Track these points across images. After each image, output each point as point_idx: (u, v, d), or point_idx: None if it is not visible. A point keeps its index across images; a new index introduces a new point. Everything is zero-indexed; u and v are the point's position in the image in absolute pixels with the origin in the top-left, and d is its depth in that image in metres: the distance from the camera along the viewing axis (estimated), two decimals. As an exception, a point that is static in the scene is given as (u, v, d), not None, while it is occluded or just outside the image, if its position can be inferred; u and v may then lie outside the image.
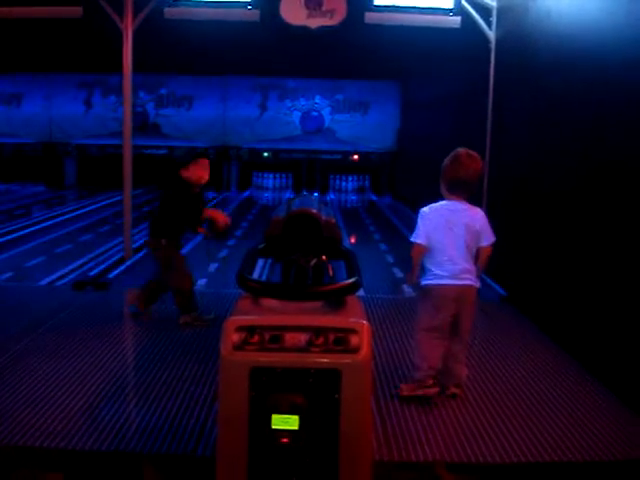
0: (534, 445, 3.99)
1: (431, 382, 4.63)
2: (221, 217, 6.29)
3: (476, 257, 4.62)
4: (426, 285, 4.62)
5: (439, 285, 4.55)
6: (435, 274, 4.56)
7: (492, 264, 4.81)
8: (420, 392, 4.60)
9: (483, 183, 8.32)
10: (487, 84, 8.69)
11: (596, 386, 4.94)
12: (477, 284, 4.64)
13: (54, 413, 4.25)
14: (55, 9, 8.80)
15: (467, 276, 4.55)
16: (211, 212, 6.39)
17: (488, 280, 7.96)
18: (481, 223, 4.60)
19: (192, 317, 6.21)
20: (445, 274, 4.52)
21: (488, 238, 4.63)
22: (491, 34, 8.60)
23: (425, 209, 4.60)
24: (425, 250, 4.56)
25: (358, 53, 16.72)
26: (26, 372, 4.95)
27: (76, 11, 8.63)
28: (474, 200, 4.67)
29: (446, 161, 4.59)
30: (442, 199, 4.65)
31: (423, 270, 4.66)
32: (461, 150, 4.58)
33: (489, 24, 8.61)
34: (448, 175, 4.55)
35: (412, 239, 4.60)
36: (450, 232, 4.51)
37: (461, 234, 4.52)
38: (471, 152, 4.58)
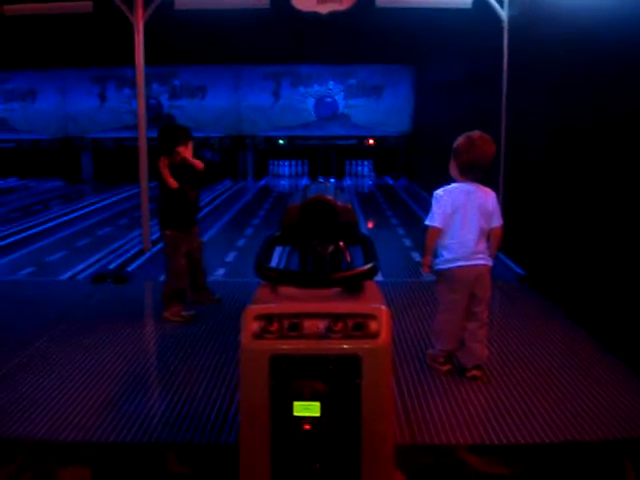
0: (556, 425, 3.99)
1: (442, 360, 4.82)
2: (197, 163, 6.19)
3: (487, 238, 4.64)
4: (440, 269, 4.69)
5: (453, 268, 4.60)
6: (447, 258, 4.61)
7: (511, 244, 4.80)
8: (433, 364, 4.87)
9: (500, 163, 8.29)
10: (501, 64, 8.63)
11: (616, 365, 4.92)
12: (490, 263, 4.67)
13: (78, 406, 4.30)
14: (66, 5, 8.84)
15: (480, 256, 4.60)
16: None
17: (507, 260, 7.94)
18: (493, 204, 4.62)
19: (172, 313, 6.15)
20: (458, 256, 4.57)
21: (498, 219, 4.66)
22: (503, 14, 8.52)
23: (439, 191, 4.61)
24: (440, 234, 4.58)
25: (370, 37, 16.63)
26: (49, 366, 5.00)
27: (86, 6, 8.67)
28: (492, 180, 4.66)
29: (459, 144, 4.58)
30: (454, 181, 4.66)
31: (435, 254, 4.71)
32: (475, 133, 4.58)
33: (501, 4, 8.53)
34: (462, 158, 4.55)
35: (427, 222, 4.62)
36: (465, 214, 4.54)
37: (475, 216, 4.54)
38: (484, 134, 4.57)
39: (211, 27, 13.55)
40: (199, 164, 6.15)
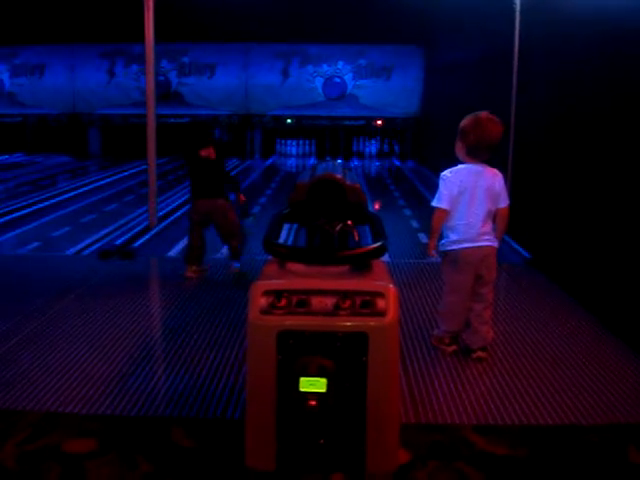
0: (561, 408, 3.99)
1: (447, 341, 4.84)
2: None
3: (493, 220, 4.64)
4: (446, 250, 4.67)
5: (459, 249, 4.59)
6: (454, 239, 4.60)
7: (517, 227, 4.79)
8: (439, 345, 4.89)
9: (509, 145, 8.26)
10: (512, 46, 8.57)
11: (621, 348, 4.92)
12: (496, 244, 4.66)
13: (84, 379, 4.32)
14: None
15: (486, 237, 4.58)
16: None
17: (512, 243, 7.94)
18: (500, 184, 4.61)
19: (190, 270, 6.77)
20: (464, 238, 4.55)
21: (505, 200, 4.65)
22: (516, -5, 8.47)
23: (447, 173, 4.57)
24: (447, 215, 4.57)
25: (380, 17, 16.56)
26: (55, 339, 5.02)
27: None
28: (501, 162, 4.64)
29: (465, 124, 4.53)
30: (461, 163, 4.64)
31: (441, 235, 4.69)
32: (482, 113, 4.53)
33: (513, -17, 8.48)
34: (469, 139, 4.50)
35: (434, 204, 4.59)
36: (472, 195, 4.51)
37: (483, 197, 4.53)
38: (491, 115, 4.53)
39: (221, 4, 13.50)
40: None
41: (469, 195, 4.51)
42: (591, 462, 3.46)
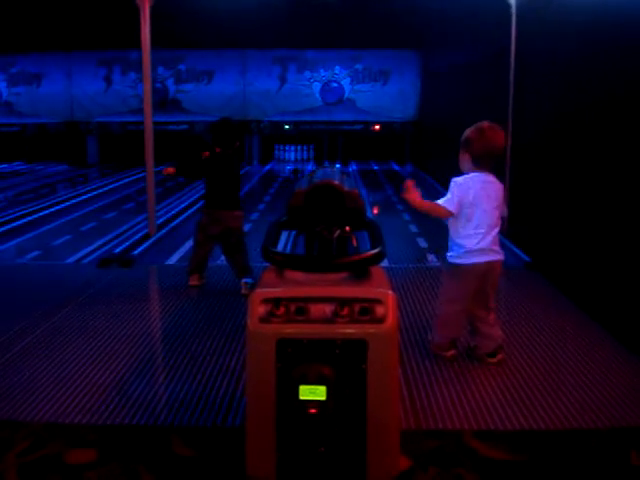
0: (561, 412, 3.99)
1: (446, 346, 4.83)
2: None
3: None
4: (455, 263, 4.60)
5: (470, 264, 4.53)
6: (466, 251, 4.52)
7: (517, 231, 4.79)
8: (438, 352, 4.84)
9: (506, 149, 8.26)
10: (509, 48, 8.58)
11: (622, 352, 4.91)
12: (503, 257, 4.66)
13: (84, 389, 4.31)
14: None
15: (495, 248, 4.57)
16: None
17: (512, 247, 7.93)
18: (502, 195, 4.62)
19: (194, 279, 6.69)
20: (475, 248, 4.50)
21: (505, 209, 4.71)
22: (512, -1, 8.49)
23: (459, 179, 4.55)
24: (451, 220, 4.57)
25: (377, 21, 16.59)
26: (55, 349, 5.01)
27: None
28: (498, 166, 4.65)
29: (469, 135, 4.55)
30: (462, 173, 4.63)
31: (449, 246, 4.65)
32: (484, 123, 4.55)
33: (509, -12, 8.49)
34: (475, 149, 4.51)
35: (443, 204, 4.51)
36: (483, 204, 4.49)
37: (491, 206, 4.52)
38: (493, 124, 4.56)
39: (218, 11, 13.51)
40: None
41: (479, 205, 4.50)
42: (592, 467, 3.46)
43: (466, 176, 4.56)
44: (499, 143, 4.52)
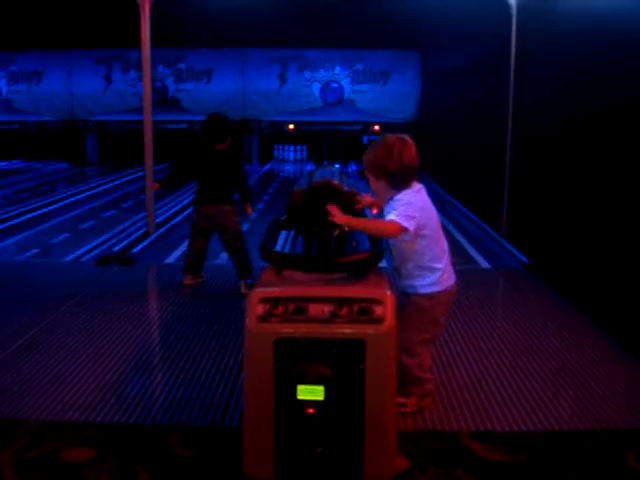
0: (559, 414, 3.98)
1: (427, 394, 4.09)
2: None
3: None
4: (426, 293, 3.77)
5: (449, 288, 3.83)
6: (443, 274, 3.77)
7: (515, 231, 4.77)
8: (424, 403, 4.04)
9: (506, 150, 8.26)
10: (509, 49, 8.58)
11: (620, 354, 4.91)
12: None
13: (82, 387, 4.30)
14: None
15: (452, 271, 3.90)
16: None
17: (511, 248, 7.93)
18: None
19: (188, 279, 6.66)
20: (449, 269, 3.83)
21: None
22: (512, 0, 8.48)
23: (409, 195, 3.67)
24: (398, 236, 3.59)
25: (377, 22, 16.58)
26: (53, 347, 5.00)
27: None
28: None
29: (379, 154, 3.69)
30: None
31: (409, 275, 3.79)
32: (391, 137, 3.71)
33: (509, -11, 8.49)
34: (393, 167, 3.63)
35: (400, 221, 3.52)
36: (436, 219, 3.81)
37: (439, 222, 3.86)
38: (400, 135, 3.76)
39: (218, 10, 13.51)
40: None
41: (435, 219, 3.79)
42: (590, 468, 3.46)
43: (409, 191, 3.68)
44: (414, 153, 3.68)
